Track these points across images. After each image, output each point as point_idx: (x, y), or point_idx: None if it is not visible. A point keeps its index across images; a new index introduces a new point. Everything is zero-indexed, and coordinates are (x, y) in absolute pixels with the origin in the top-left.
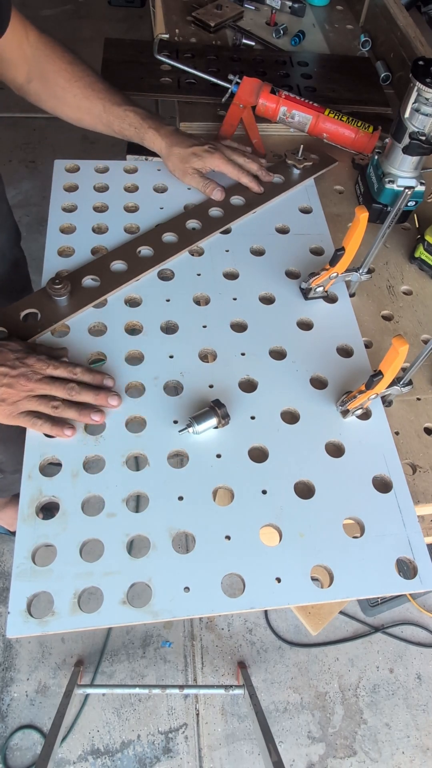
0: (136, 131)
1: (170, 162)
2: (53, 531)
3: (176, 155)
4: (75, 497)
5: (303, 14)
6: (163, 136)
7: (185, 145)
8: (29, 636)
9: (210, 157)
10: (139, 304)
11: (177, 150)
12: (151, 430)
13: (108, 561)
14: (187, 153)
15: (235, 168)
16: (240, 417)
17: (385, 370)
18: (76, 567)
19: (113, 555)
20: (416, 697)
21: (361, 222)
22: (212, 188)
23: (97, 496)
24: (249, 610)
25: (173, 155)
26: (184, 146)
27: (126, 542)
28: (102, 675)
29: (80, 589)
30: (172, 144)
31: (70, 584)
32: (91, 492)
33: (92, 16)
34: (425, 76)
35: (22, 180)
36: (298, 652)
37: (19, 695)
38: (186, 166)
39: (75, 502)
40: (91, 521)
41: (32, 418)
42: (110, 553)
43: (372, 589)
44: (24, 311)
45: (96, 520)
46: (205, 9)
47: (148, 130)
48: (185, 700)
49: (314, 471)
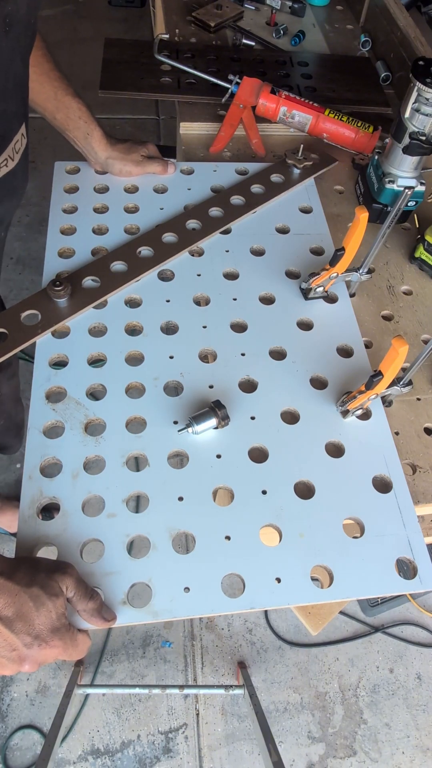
0: (85, 124)
1: (117, 160)
2: (54, 531)
3: (120, 151)
4: (75, 498)
5: (303, 14)
6: (107, 136)
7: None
8: None
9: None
10: (139, 305)
11: (119, 145)
12: (151, 431)
13: (108, 561)
14: (126, 146)
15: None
16: (240, 417)
17: (385, 371)
18: (76, 567)
19: (113, 555)
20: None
21: (361, 222)
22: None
23: (98, 496)
24: (249, 610)
25: (117, 150)
26: (122, 142)
27: (126, 542)
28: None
29: None
30: (114, 143)
31: None
32: (92, 492)
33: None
34: (425, 76)
35: None
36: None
37: (19, 695)
38: (132, 156)
39: (75, 503)
40: (92, 522)
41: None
42: (110, 554)
43: (372, 589)
44: (24, 312)
45: (96, 521)
46: (205, 9)
47: (96, 128)
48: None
49: (314, 471)
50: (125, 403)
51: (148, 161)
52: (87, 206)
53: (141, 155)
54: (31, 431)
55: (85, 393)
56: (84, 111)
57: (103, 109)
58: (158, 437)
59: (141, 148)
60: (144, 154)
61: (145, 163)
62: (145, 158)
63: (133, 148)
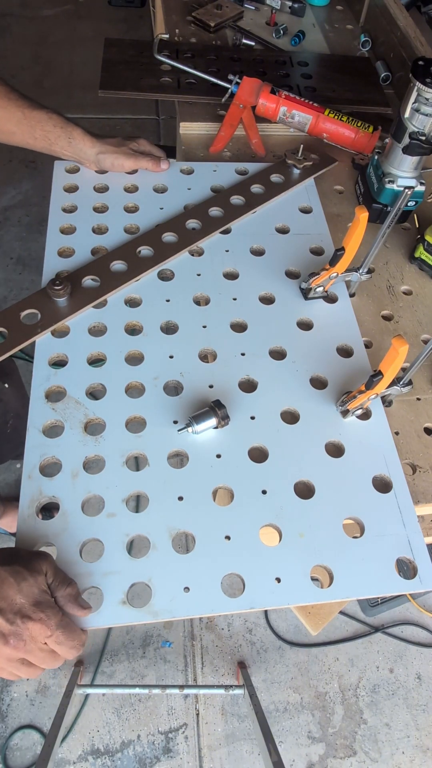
0: (63, 130)
1: (107, 152)
2: (53, 531)
3: (111, 144)
4: (75, 497)
5: (303, 14)
6: (91, 133)
7: (110, 138)
8: None
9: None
10: (139, 305)
11: (108, 140)
12: (151, 430)
13: (108, 561)
14: (116, 141)
15: (130, 157)
16: (240, 417)
17: (385, 370)
18: (76, 567)
19: (113, 555)
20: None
21: (361, 222)
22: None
23: (97, 496)
24: (249, 610)
25: (107, 145)
26: (110, 138)
27: (126, 542)
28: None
29: (80, 589)
30: (99, 139)
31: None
32: (91, 492)
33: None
34: (425, 76)
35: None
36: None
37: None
38: (123, 149)
39: (75, 502)
40: (91, 521)
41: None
42: (110, 553)
43: (372, 589)
44: (24, 311)
45: (96, 520)
46: (205, 9)
47: (75, 128)
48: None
49: (314, 471)
50: (125, 402)
51: (141, 155)
52: (87, 206)
53: (130, 148)
54: (30, 430)
55: (85, 392)
56: (56, 117)
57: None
58: (158, 437)
59: (131, 143)
60: (134, 147)
61: (138, 157)
62: (136, 152)
63: (123, 141)
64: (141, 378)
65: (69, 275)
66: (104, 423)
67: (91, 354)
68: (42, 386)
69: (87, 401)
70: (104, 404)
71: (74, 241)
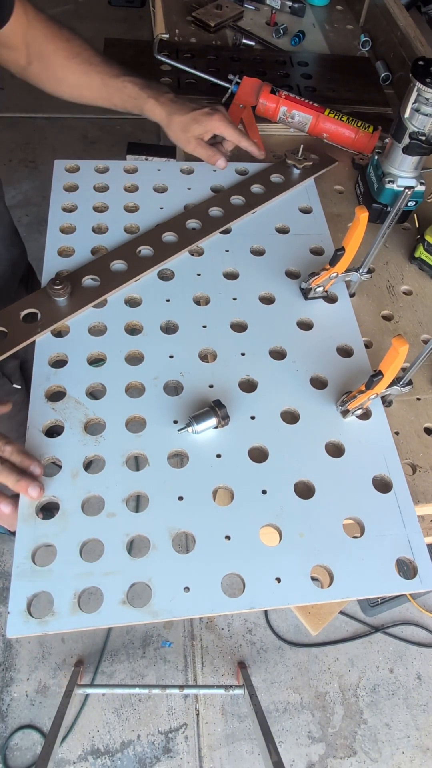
0: (135, 102)
1: (171, 131)
2: (53, 531)
3: (177, 123)
4: (75, 497)
5: (303, 14)
6: (163, 104)
7: (185, 112)
8: (29, 636)
9: (209, 119)
10: (139, 304)
11: (177, 118)
12: (151, 430)
13: (108, 561)
14: (187, 120)
15: (235, 130)
16: (240, 417)
17: (385, 370)
18: (76, 567)
19: (113, 555)
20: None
21: (361, 222)
22: (217, 157)
23: (97, 496)
24: (249, 610)
25: (174, 124)
26: (184, 113)
27: (126, 542)
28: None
29: (80, 589)
30: (172, 112)
31: (70, 584)
32: (91, 492)
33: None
34: (425, 76)
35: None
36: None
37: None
38: (188, 135)
39: (75, 502)
40: (91, 521)
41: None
42: (110, 553)
43: (372, 589)
44: (24, 311)
45: (96, 520)
46: (205, 9)
47: (147, 100)
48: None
49: (314, 471)
50: (125, 402)
51: (200, 148)
52: (87, 205)
53: (195, 136)
54: (30, 430)
55: (85, 392)
56: (130, 87)
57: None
58: (158, 437)
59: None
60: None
61: (196, 148)
62: (199, 140)
63: (189, 127)
64: (141, 378)
65: (69, 275)
66: (104, 423)
67: (91, 354)
68: (42, 386)
69: (87, 401)
70: (104, 404)
71: (74, 240)
